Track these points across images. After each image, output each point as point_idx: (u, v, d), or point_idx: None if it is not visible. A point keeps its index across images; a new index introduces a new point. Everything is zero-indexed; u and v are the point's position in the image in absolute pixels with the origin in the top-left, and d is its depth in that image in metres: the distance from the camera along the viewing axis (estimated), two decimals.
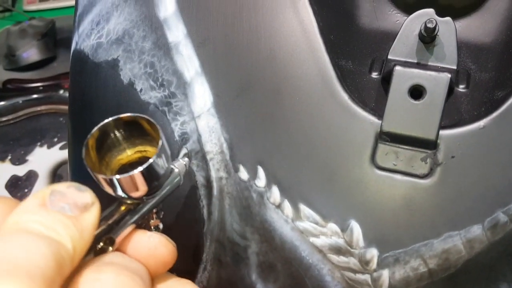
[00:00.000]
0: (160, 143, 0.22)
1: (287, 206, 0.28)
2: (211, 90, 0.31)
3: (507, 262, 0.25)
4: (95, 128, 0.23)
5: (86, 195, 0.20)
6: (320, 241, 0.27)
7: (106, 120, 0.24)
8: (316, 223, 0.27)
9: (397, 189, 0.26)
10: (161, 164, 0.22)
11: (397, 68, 0.26)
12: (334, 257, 0.27)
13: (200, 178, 0.31)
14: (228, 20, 0.30)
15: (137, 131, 0.24)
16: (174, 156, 0.32)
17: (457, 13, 0.33)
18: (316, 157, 0.28)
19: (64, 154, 0.77)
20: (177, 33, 0.32)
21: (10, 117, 0.82)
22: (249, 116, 0.29)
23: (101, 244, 0.21)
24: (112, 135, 0.24)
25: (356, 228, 0.27)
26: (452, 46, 0.30)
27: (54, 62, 0.93)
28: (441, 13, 0.31)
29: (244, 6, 0.30)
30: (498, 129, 0.25)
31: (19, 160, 0.76)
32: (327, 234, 0.27)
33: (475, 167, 0.25)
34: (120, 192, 0.22)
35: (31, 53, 0.90)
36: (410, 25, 0.31)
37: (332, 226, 0.27)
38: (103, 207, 0.21)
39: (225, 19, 0.31)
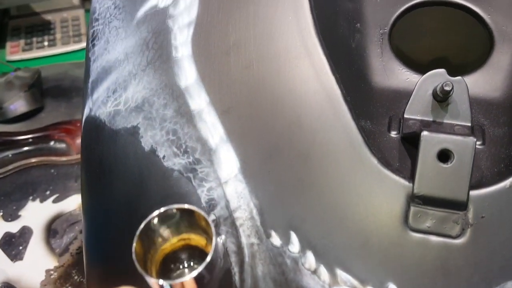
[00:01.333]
0: (214, 241, 0.22)
1: (323, 271, 0.29)
2: (238, 156, 0.31)
3: None
4: (143, 225, 0.23)
5: None
6: None
7: (153, 214, 0.24)
8: None
9: (432, 250, 0.27)
10: (214, 264, 0.23)
11: (424, 133, 0.27)
12: None
13: (230, 245, 0.31)
14: (252, 89, 0.31)
15: (184, 220, 0.25)
16: None
17: (464, 70, 0.35)
18: (350, 221, 0.28)
19: (58, 208, 0.75)
20: (199, 101, 0.33)
21: (0, 171, 0.80)
22: (278, 181, 0.30)
23: None
24: (156, 225, 0.25)
25: None
26: (465, 104, 0.31)
27: (41, 113, 0.92)
28: (448, 70, 0.32)
29: (267, 75, 0.31)
30: None
31: (11, 216, 0.74)
32: None
33: (505, 226, 0.26)
34: None
35: (18, 105, 0.89)
36: (424, 85, 0.32)
37: None
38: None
39: (248, 88, 0.31)
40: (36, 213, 0.74)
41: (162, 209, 0.24)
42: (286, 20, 0.32)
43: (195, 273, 0.21)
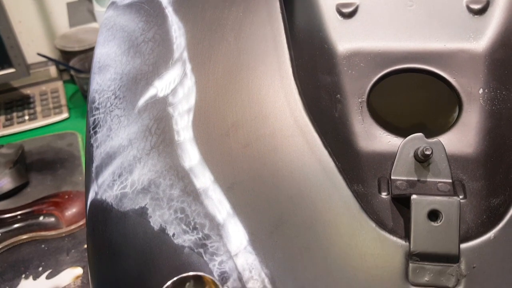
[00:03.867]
0: None
1: None
2: (246, 229, 0.34)
3: None
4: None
5: None
6: None
7: (168, 283, 0.25)
8: None
9: None
10: None
11: (414, 197, 0.30)
12: None
13: None
14: (252, 166, 0.34)
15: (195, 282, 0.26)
16: None
17: (438, 130, 0.39)
18: (356, 282, 0.31)
19: (52, 284, 0.75)
20: (204, 180, 0.35)
21: None
22: (286, 250, 0.32)
23: None
24: None
25: None
26: (445, 163, 0.35)
27: (27, 188, 0.93)
28: (424, 131, 0.36)
29: (264, 154, 0.34)
30: (507, 238, 0.30)
31: None
32: None
33: (495, 273, 0.29)
34: None
35: (4, 182, 0.90)
36: (405, 149, 0.36)
37: None
38: None
39: (249, 165, 0.34)
40: None
41: (175, 278, 0.26)
42: (278, 102, 0.35)
43: None
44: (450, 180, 0.35)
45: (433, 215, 0.30)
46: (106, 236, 0.40)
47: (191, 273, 0.26)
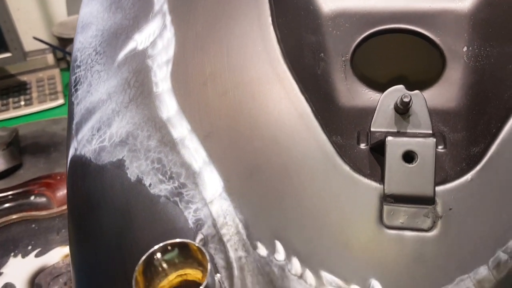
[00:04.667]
0: (209, 267, 0.23)
1: (309, 275, 0.30)
2: (221, 176, 0.33)
3: None
4: (143, 259, 0.24)
5: None
6: None
7: (153, 249, 0.25)
8: (339, 287, 0.29)
9: (408, 244, 0.29)
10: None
11: (389, 138, 0.30)
12: None
13: (219, 261, 0.32)
14: (230, 114, 0.34)
15: (181, 255, 0.25)
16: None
17: (421, 87, 0.38)
18: (330, 225, 0.30)
19: (40, 262, 0.75)
20: (181, 129, 0.35)
21: None
22: (261, 195, 0.32)
23: None
24: (155, 261, 0.25)
25: (377, 286, 0.29)
26: (425, 114, 0.34)
27: (20, 170, 0.93)
28: (407, 87, 0.36)
29: (242, 100, 0.34)
30: (484, 180, 0.29)
31: None
32: None
33: (471, 215, 0.29)
34: None
35: None
36: (385, 100, 0.35)
37: None
38: None
39: (226, 113, 0.34)
40: (18, 269, 0.73)
41: (157, 246, 0.25)
42: (257, 52, 0.35)
43: None
44: (431, 131, 0.34)
45: (408, 157, 0.30)
46: (85, 190, 0.39)
47: (177, 240, 0.25)
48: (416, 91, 0.35)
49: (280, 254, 0.31)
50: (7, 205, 0.82)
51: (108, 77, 0.39)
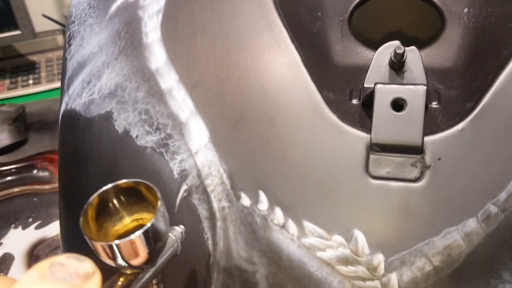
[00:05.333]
0: (159, 204, 0.22)
1: (291, 225, 0.29)
2: (207, 126, 0.32)
3: (505, 250, 0.26)
4: (93, 196, 0.23)
5: (86, 265, 0.20)
6: (327, 254, 0.28)
7: (104, 188, 0.23)
8: (322, 237, 0.29)
9: (393, 194, 0.28)
10: (161, 227, 0.22)
11: (378, 85, 0.29)
12: (343, 268, 0.28)
13: (202, 211, 0.32)
14: (218, 63, 0.33)
15: (135, 198, 0.24)
16: (175, 195, 0.33)
17: (419, 46, 0.37)
18: (314, 175, 0.29)
19: (40, 234, 0.75)
20: (169, 80, 0.34)
21: None
22: (246, 146, 0.31)
23: None
24: (109, 203, 0.24)
25: (360, 237, 0.28)
26: (420, 70, 0.33)
27: (25, 145, 0.93)
28: (404, 46, 0.34)
29: (231, 49, 0.33)
30: (476, 129, 0.28)
31: None
32: (333, 247, 0.28)
33: (461, 165, 0.28)
34: (120, 261, 0.22)
35: (2, 137, 0.90)
36: (381, 55, 0.34)
37: (337, 238, 0.28)
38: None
39: (214, 62, 0.33)
40: (18, 240, 0.73)
41: (107, 187, 0.23)
42: (248, 1, 0.34)
43: (140, 232, 0.21)
44: (425, 87, 0.33)
45: (398, 106, 0.29)
46: (74, 144, 0.39)
47: (128, 180, 0.23)
48: (412, 47, 0.34)
49: (263, 204, 0.30)
50: (9, 178, 0.82)
51: (100, 29, 0.39)
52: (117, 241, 0.21)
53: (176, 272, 0.33)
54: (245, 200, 0.31)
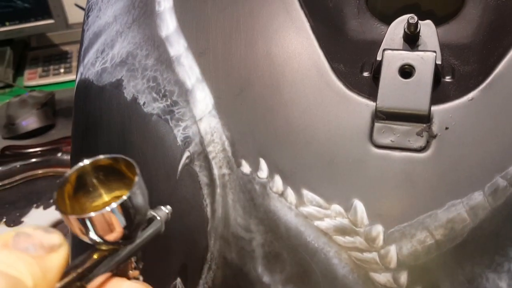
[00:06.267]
0: (136, 179, 0.21)
1: (290, 193, 0.28)
2: (212, 94, 0.32)
3: None
4: (70, 171, 0.22)
5: (54, 237, 0.19)
6: (325, 224, 0.27)
7: (82, 163, 0.22)
8: (320, 206, 0.28)
9: (397, 164, 0.27)
10: (137, 202, 0.21)
11: (387, 51, 0.28)
12: (340, 238, 0.27)
13: (203, 178, 0.31)
14: (226, 31, 0.33)
15: (114, 175, 0.23)
16: (177, 162, 0.33)
17: (436, 22, 0.36)
18: (316, 143, 0.28)
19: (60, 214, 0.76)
20: (178, 47, 0.34)
21: (6, 181, 0.82)
22: (249, 112, 0.31)
23: None
24: (88, 179, 0.22)
25: (359, 207, 0.27)
26: (435, 44, 0.32)
27: (52, 130, 0.95)
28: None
29: (240, 16, 0.33)
30: (486, 99, 0.26)
31: (14, 222, 0.75)
32: (331, 216, 0.27)
33: (470, 136, 0.26)
34: (93, 235, 0.20)
35: (30, 121, 0.92)
36: (395, 28, 0.33)
37: (336, 207, 0.27)
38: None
39: (223, 30, 0.33)
40: (38, 219, 0.75)
41: (87, 161, 0.22)
42: None
43: (114, 205, 0.20)
44: (440, 62, 0.32)
45: (406, 73, 0.28)
46: (85, 112, 0.39)
47: (106, 156, 0.22)
48: (428, 21, 0.33)
49: (263, 171, 0.30)
50: (34, 160, 0.84)
51: (116, 0, 0.39)
52: (89, 214, 0.20)
53: (175, 239, 0.32)
54: (246, 168, 0.30)
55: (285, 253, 0.28)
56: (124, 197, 0.20)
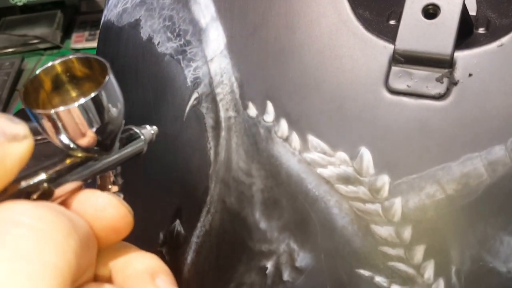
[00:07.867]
0: (106, 78, 0.19)
1: (295, 138, 0.27)
2: (225, 33, 0.31)
3: None
4: (40, 69, 0.20)
5: (19, 127, 0.18)
6: (328, 171, 0.26)
7: (52, 62, 0.21)
8: (324, 153, 0.26)
9: (411, 111, 0.25)
10: (107, 103, 0.20)
11: None
12: (342, 187, 0.25)
13: (209, 120, 0.30)
14: None
15: (88, 79, 0.21)
16: (185, 103, 0.32)
17: None
18: (327, 85, 0.27)
19: None
20: None
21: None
22: (261, 53, 0.29)
23: (37, 193, 0.18)
24: (60, 83, 0.21)
25: (366, 155, 0.25)
26: None
27: None
28: None
29: None
30: None
31: None
32: (335, 164, 0.25)
33: (495, 85, 0.23)
34: (64, 138, 0.19)
35: None
36: None
37: (341, 155, 0.25)
38: None
39: None
40: None
41: (58, 60, 0.21)
42: None
43: (82, 100, 0.18)
44: (474, 14, 0.29)
45: (431, 14, 0.25)
46: (105, 54, 0.39)
47: (74, 55, 0.21)
48: None
49: (269, 115, 0.28)
50: None
51: None
52: (55, 109, 0.18)
53: (177, 181, 0.31)
54: (252, 110, 0.28)
55: (284, 200, 0.27)
56: (92, 94, 0.19)
